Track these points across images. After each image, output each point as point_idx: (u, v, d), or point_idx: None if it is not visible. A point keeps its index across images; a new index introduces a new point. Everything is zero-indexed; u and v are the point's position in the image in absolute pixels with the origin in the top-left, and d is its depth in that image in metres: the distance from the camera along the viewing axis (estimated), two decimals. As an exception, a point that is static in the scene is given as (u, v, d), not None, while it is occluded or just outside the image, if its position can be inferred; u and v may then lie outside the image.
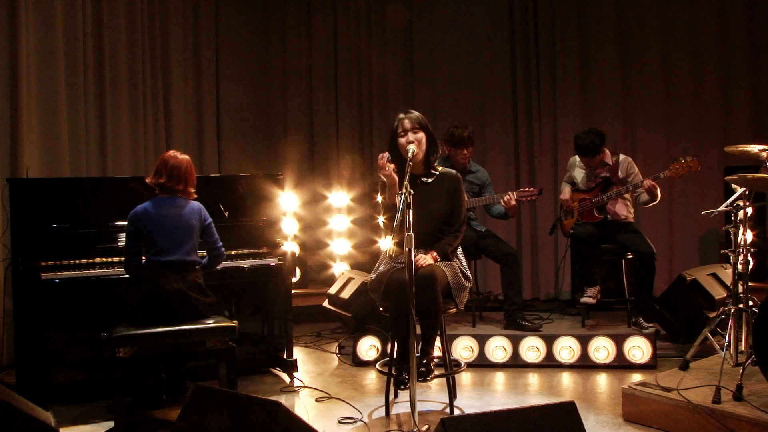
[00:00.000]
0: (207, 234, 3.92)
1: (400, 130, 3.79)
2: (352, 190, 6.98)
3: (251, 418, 2.68)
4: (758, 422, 3.20)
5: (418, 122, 3.80)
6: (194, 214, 3.86)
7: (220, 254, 4.00)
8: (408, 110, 3.87)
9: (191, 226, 3.82)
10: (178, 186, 3.86)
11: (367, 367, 4.94)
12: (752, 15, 6.35)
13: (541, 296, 6.95)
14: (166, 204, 3.82)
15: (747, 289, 3.95)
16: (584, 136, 5.20)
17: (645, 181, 4.95)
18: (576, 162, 5.45)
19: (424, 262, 3.70)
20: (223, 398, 2.88)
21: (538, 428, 2.60)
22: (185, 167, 3.90)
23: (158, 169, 3.87)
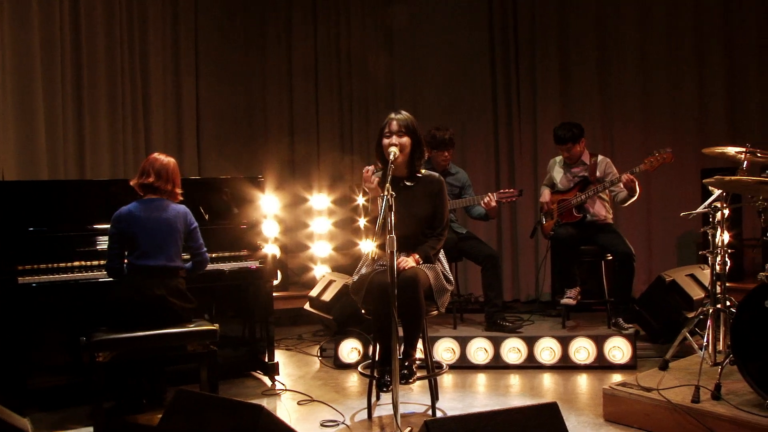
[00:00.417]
0: (191, 239, 3.89)
1: (387, 131, 3.79)
2: (333, 192, 6.97)
3: (234, 422, 2.66)
4: (736, 420, 3.24)
5: (406, 126, 3.79)
6: (179, 217, 3.82)
7: (204, 260, 3.97)
8: (399, 111, 3.87)
9: (176, 230, 3.78)
10: (166, 186, 3.83)
11: (348, 369, 4.93)
12: (729, 19, 6.43)
13: (522, 298, 6.98)
14: (152, 206, 3.78)
15: (725, 290, 4.00)
16: (561, 125, 5.31)
17: (623, 176, 4.98)
18: (555, 163, 5.49)
19: (406, 264, 3.70)
20: (204, 402, 2.86)
21: (522, 429, 2.61)
22: (173, 168, 3.89)
23: (144, 170, 3.83)
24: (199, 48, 6.97)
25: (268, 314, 4.66)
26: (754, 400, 3.35)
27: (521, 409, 2.71)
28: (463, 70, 7.13)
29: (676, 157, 5.29)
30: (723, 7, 6.43)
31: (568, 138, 5.21)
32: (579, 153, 5.29)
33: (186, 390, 2.91)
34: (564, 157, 5.34)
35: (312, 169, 7.29)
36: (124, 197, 3.90)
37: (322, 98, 7.34)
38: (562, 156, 5.40)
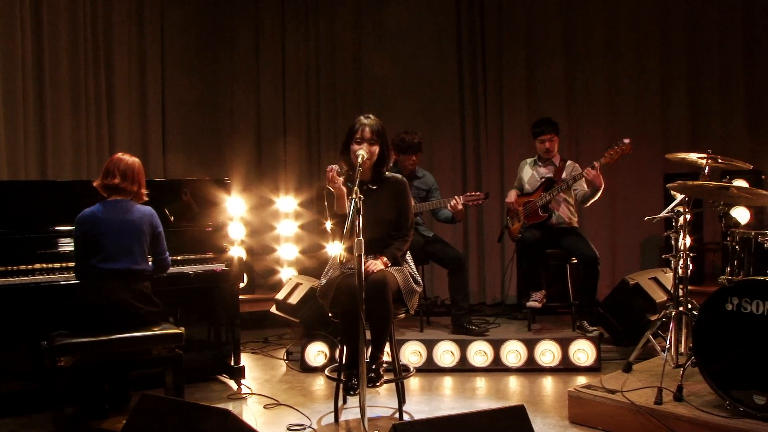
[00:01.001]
0: (156, 243, 3.82)
1: (358, 136, 3.77)
2: (300, 194, 6.95)
3: (199, 427, 2.64)
4: (697, 421, 3.31)
5: (377, 132, 3.78)
6: (145, 219, 3.76)
7: (166, 265, 3.92)
8: (368, 116, 3.86)
9: (141, 232, 3.72)
10: (132, 187, 3.77)
11: (315, 373, 4.91)
12: (691, 29, 6.57)
13: (488, 301, 7.02)
14: (116, 208, 3.71)
15: (687, 293, 4.07)
16: (540, 120, 5.41)
17: (586, 170, 5.03)
18: (526, 164, 5.53)
19: (374, 267, 3.70)
20: (170, 407, 2.83)
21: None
22: (138, 168, 3.82)
23: (109, 171, 3.76)
24: (166, 48, 6.89)
25: (234, 317, 4.62)
26: (714, 401, 3.41)
27: (489, 411, 2.73)
28: (430, 74, 7.15)
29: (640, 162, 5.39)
30: (686, 16, 6.57)
31: (550, 129, 5.30)
32: (556, 149, 5.36)
33: (150, 395, 2.87)
34: (542, 151, 5.37)
35: (279, 172, 7.24)
36: (87, 198, 3.83)
37: (289, 100, 7.30)
38: (536, 156, 5.44)
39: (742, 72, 6.44)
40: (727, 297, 3.38)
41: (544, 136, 5.32)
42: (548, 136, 5.31)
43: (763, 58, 6.39)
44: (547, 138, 5.31)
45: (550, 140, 5.32)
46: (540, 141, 5.35)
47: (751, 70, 6.43)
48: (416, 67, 7.17)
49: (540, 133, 5.33)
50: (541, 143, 5.35)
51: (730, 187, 3.70)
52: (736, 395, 3.28)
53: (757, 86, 6.42)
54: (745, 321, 3.30)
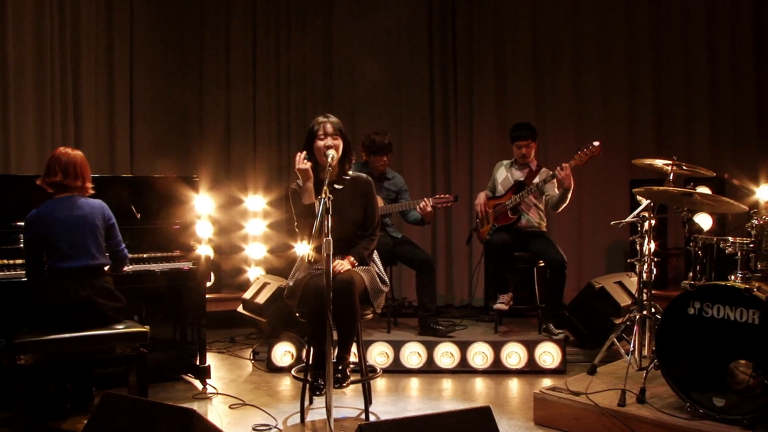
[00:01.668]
0: (110, 235, 3.73)
1: (321, 133, 3.79)
2: (269, 194, 6.91)
3: (163, 426, 2.60)
4: (659, 423, 3.36)
5: (339, 129, 3.83)
6: (96, 212, 3.66)
7: (123, 257, 3.82)
8: (327, 114, 3.88)
9: (94, 227, 3.63)
10: (76, 183, 3.66)
11: (281, 373, 4.89)
12: (658, 38, 6.68)
13: (455, 303, 7.05)
14: (65, 205, 3.62)
15: (650, 297, 4.13)
16: (519, 124, 5.44)
17: (557, 171, 5.07)
18: (502, 165, 5.56)
19: (341, 268, 3.70)
20: (133, 406, 2.79)
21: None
22: (80, 162, 3.70)
23: (50, 168, 3.64)
24: (135, 47, 6.78)
25: (200, 316, 4.59)
26: (675, 403, 3.47)
27: (455, 413, 2.73)
28: (401, 76, 7.17)
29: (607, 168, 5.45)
30: (652, 26, 6.68)
31: (529, 135, 5.34)
32: (533, 154, 5.41)
33: (113, 394, 2.83)
34: (519, 155, 5.39)
35: (248, 170, 7.20)
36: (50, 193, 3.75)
37: (259, 99, 7.26)
38: (512, 158, 5.47)
39: (706, 83, 6.57)
40: (689, 301, 3.43)
41: (521, 142, 5.35)
42: (526, 142, 5.34)
43: (725, 69, 6.54)
44: (525, 144, 5.35)
45: (527, 146, 5.35)
46: (517, 146, 5.39)
47: (714, 81, 6.56)
48: (387, 69, 7.18)
49: (518, 138, 5.37)
50: (518, 148, 5.39)
51: (693, 194, 3.77)
52: (697, 397, 3.34)
53: (719, 97, 6.56)
54: (707, 325, 3.36)
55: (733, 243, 3.62)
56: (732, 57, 6.51)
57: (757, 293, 3.22)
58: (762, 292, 3.23)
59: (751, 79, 6.48)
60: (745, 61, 6.48)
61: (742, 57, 6.48)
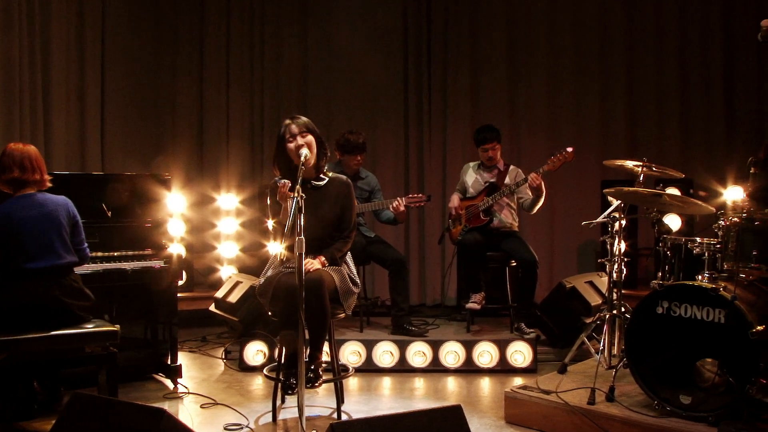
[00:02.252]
0: (74, 233, 3.67)
1: (288, 136, 3.77)
2: (242, 192, 6.88)
3: (134, 426, 2.59)
4: (627, 421, 3.40)
5: (306, 126, 3.80)
6: (61, 209, 3.60)
7: (85, 256, 3.77)
8: (294, 116, 3.86)
9: (59, 224, 3.57)
10: (34, 176, 3.57)
11: (253, 372, 4.87)
12: (630, 40, 6.80)
13: (428, 302, 7.07)
14: (26, 204, 3.54)
15: (620, 296, 4.19)
16: (482, 128, 5.45)
17: (530, 176, 5.12)
18: (469, 167, 5.59)
19: (311, 266, 3.70)
20: (102, 406, 2.77)
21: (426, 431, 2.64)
22: (35, 155, 3.61)
23: (5, 165, 3.55)
24: (107, 42, 6.68)
25: (171, 315, 4.55)
26: (644, 401, 3.52)
27: (426, 411, 2.75)
28: (375, 76, 7.16)
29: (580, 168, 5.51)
30: (625, 28, 6.81)
31: (493, 137, 5.35)
32: (499, 156, 5.42)
33: (82, 394, 2.80)
34: (485, 158, 5.43)
35: (221, 169, 7.15)
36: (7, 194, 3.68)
37: (233, 98, 7.21)
38: (479, 160, 5.50)
39: (676, 87, 6.73)
40: (657, 301, 3.48)
41: (486, 145, 5.38)
42: (491, 145, 5.37)
43: (695, 75, 6.72)
44: (490, 147, 5.38)
45: (492, 148, 5.38)
46: (483, 149, 5.42)
47: (684, 86, 6.72)
48: (362, 68, 7.17)
49: (482, 141, 5.39)
50: (483, 151, 5.42)
51: (663, 195, 3.82)
52: (665, 395, 3.39)
53: (689, 101, 6.73)
54: (675, 324, 3.41)
55: (700, 243, 3.69)
56: (702, 63, 6.71)
57: (723, 293, 3.28)
58: (728, 291, 3.28)
59: (719, 84, 6.68)
60: (715, 67, 6.68)
61: (712, 63, 6.69)
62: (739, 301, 3.23)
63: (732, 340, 3.22)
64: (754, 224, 3.37)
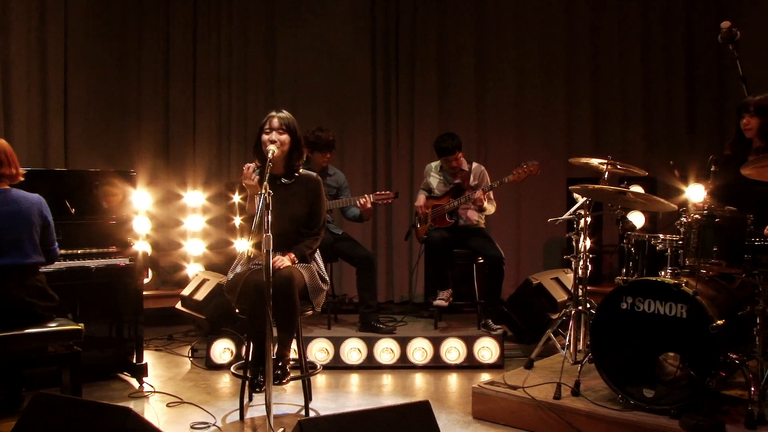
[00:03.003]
0: (45, 234, 3.61)
1: (267, 127, 3.77)
2: (208, 189, 6.82)
3: (98, 426, 2.55)
4: (592, 415, 3.45)
5: (287, 124, 3.79)
6: (34, 208, 3.54)
7: (54, 257, 3.73)
8: (280, 110, 3.87)
9: (30, 223, 3.51)
10: (10, 170, 3.51)
11: (221, 370, 4.84)
12: (595, 42, 6.91)
13: (396, 299, 7.09)
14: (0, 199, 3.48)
15: (586, 293, 4.24)
16: (442, 138, 5.42)
17: (476, 194, 5.17)
18: (432, 169, 5.61)
19: (281, 263, 3.68)
20: (66, 406, 2.72)
21: (394, 428, 2.65)
22: (9, 149, 3.56)
23: None
24: (70, 37, 6.56)
25: (137, 314, 4.50)
26: (608, 395, 3.57)
27: (394, 407, 2.75)
28: (344, 74, 7.15)
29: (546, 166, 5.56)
30: (590, 31, 6.92)
31: (455, 147, 5.34)
32: (457, 163, 5.44)
33: (45, 394, 2.75)
34: (450, 167, 5.45)
35: (187, 165, 7.09)
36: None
37: (199, 94, 7.14)
38: (446, 167, 5.50)
39: (639, 88, 6.88)
40: (622, 296, 3.53)
41: (449, 156, 5.38)
42: (453, 156, 5.37)
43: (658, 75, 6.87)
44: (453, 157, 5.38)
45: (455, 159, 5.39)
46: (445, 160, 5.42)
47: (647, 86, 6.88)
48: (330, 66, 7.16)
49: (444, 153, 5.38)
50: (446, 162, 5.43)
51: (627, 192, 3.88)
52: (629, 389, 3.45)
53: (652, 101, 6.89)
54: (638, 319, 3.47)
55: (663, 240, 3.74)
56: (664, 64, 6.88)
57: (685, 288, 3.34)
58: (690, 287, 3.35)
59: (681, 84, 6.86)
60: (677, 68, 6.85)
61: (674, 64, 6.87)
62: (700, 296, 3.30)
63: (693, 334, 3.28)
64: (714, 221, 3.43)
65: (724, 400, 3.50)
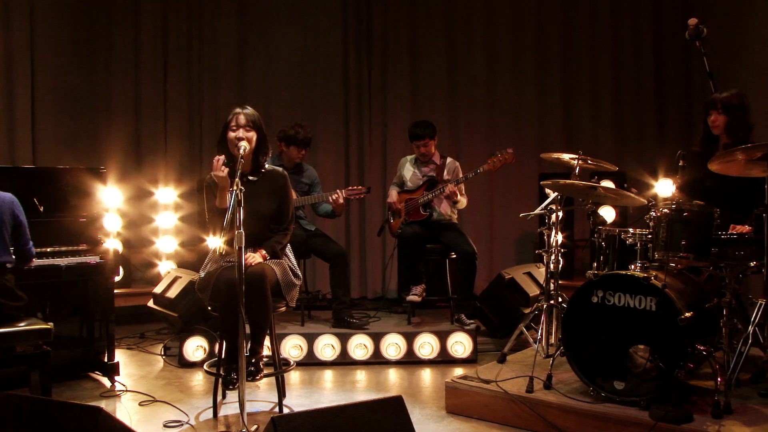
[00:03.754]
0: (17, 234, 3.57)
1: (233, 124, 3.75)
2: (180, 186, 6.76)
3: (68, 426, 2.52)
4: (564, 407, 3.49)
5: (253, 121, 3.78)
6: (5, 207, 3.51)
7: (29, 256, 3.70)
8: (245, 107, 3.83)
9: (1, 222, 3.47)
10: None
11: (194, 368, 4.81)
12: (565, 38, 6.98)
13: (369, 295, 7.09)
14: None
15: (557, 287, 4.29)
16: (416, 124, 5.49)
17: (447, 187, 5.20)
18: (407, 161, 5.63)
19: (253, 260, 3.68)
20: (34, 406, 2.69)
21: (367, 423, 2.66)
22: None
23: None
24: (36, 32, 6.45)
25: (108, 312, 4.46)
26: (580, 388, 3.61)
27: (367, 403, 2.76)
28: (316, 69, 7.13)
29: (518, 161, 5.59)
30: (560, 26, 6.98)
31: (426, 134, 5.37)
32: (433, 151, 5.46)
33: (12, 394, 2.73)
34: (419, 154, 5.48)
35: (158, 162, 7.02)
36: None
37: (171, 90, 7.06)
38: (415, 154, 5.54)
39: (610, 84, 6.98)
40: (592, 290, 3.58)
41: (419, 141, 5.41)
42: (423, 141, 5.41)
43: (628, 72, 6.97)
44: (422, 143, 5.41)
45: (425, 145, 5.42)
46: (416, 146, 5.45)
47: (617, 82, 6.98)
48: (301, 61, 7.12)
49: (415, 137, 5.43)
50: (417, 147, 5.46)
51: (597, 187, 3.91)
52: (600, 382, 3.49)
53: (622, 98, 6.99)
54: (609, 312, 3.51)
55: (633, 234, 3.80)
56: (634, 61, 6.99)
57: (654, 281, 3.39)
58: (659, 280, 3.39)
59: (650, 81, 6.98)
60: (646, 65, 6.98)
61: (643, 61, 6.99)
62: (669, 289, 3.35)
63: (662, 326, 3.32)
64: (683, 215, 3.48)
65: (692, 391, 3.57)
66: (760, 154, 3.33)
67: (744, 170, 3.49)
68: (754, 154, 3.35)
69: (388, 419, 2.72)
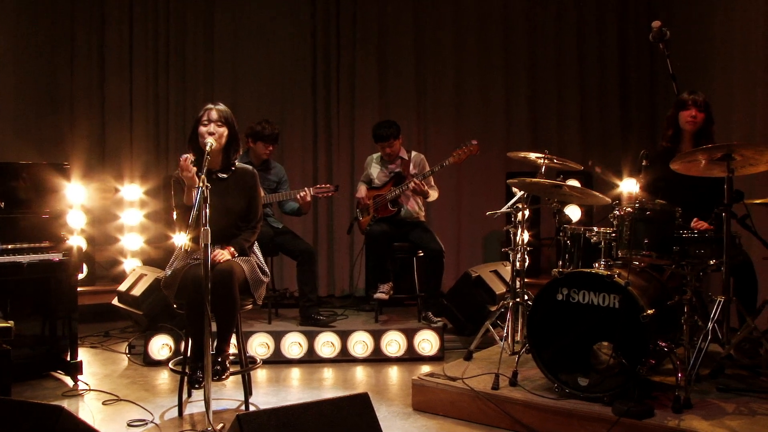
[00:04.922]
0: None
1: (205, 119, 3.72)
2: (146, 182, 6.69)
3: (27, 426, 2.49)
4: (529, 404, 3.53)
5: (225, 117, 3.76)
6: None
7: None
8: (218, 102, 3.82)
9: None
10: None
11: (159, 366, 4.77)
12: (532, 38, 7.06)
13: (337, 292, 7.08)
14: None
15: (523, 285, 4.33)
16: (379, 125, 5.48)
17: (411, 183, 5.22)
18: (373, 159, 5.63)
19: (221, 257, 3.66)
20: (-6, 405, 2.64)
21: (333, 420, 2.66)
22: None
23: None
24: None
25: (71, 310, 4.39)
26: (545, 385, 3.65)
27: (333, 400, 2.77)
28: (283, 65, 7.10)
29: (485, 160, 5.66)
30: (527, 25, 7.06)
31: (390, 135, 5.37)
32: (398, 149, 5.47)
33: (-28, 394, 2.67)
34: (384, 154, 5.48)
35: (124, 159, 6.93)
36: None
37: (136, 83, 6.97)
38: (381, 154, 5.54)
39: (575, 84, 7.06)
40: (558, 288, 3.61)
41: (383, 142, 5.41)
42: (387, 143, 5.41)
43: (593, 72, 7.07)
44: (387, 144, 5.41)
45: (390, 145, 5.42)
46: (381, 146, 5.46)
47: (583, 83, 7.07)
48: (270, 57, 7.09)
49: (379, 139, 5.42)
50: (381, 148, 5.47)
51: (563, 186, 3.96)
52: (564, 378, 3.53)
53: (587, 98, 7.08)
54: (573, 310, 3.55)
55: (597, 233, 3.84)
56: (599, 62, 7.08)
57: (617, 279, 3.44)
58: (622, 278, 3.44)
59: (615, 82, 7.09)
60: (611, 66, 7.08)
61: (608, 62, 7.08)
62: (631, 287, 3.40)
63: (625, 323, 3.37)
64: (645, 214, 3.54)
65: (654, 387, 3.62)
66: (719, 155, 3.41)
67: (705, 171, 3.57)
68: (715, 154, 3.42)
69: (353, 416, 2.73)
